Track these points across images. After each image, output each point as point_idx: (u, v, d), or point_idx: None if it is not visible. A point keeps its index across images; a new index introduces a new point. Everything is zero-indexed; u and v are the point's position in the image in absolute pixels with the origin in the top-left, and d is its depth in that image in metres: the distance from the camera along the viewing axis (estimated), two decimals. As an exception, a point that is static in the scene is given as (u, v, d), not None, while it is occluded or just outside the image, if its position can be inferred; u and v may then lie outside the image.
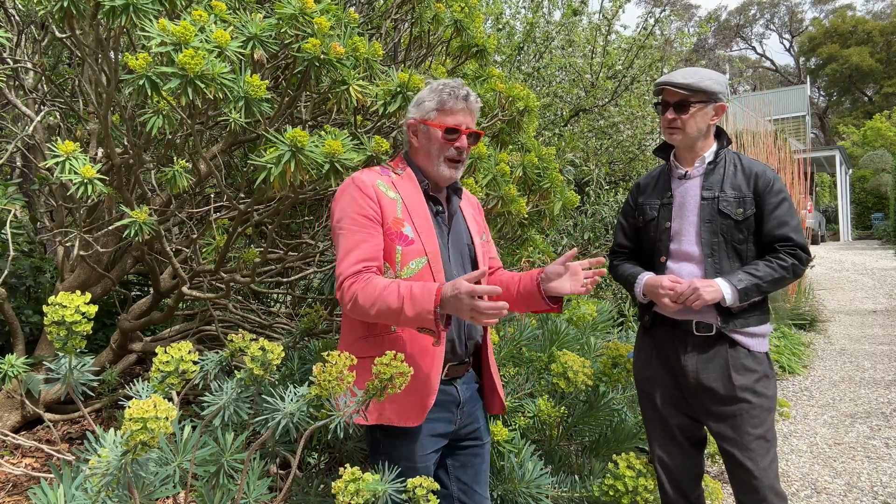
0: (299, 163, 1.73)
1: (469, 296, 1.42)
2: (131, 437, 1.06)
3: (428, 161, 1.75)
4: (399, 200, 1.69)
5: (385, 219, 1.65)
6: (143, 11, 1.60)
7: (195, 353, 1.31)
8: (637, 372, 2.23)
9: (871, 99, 38.57)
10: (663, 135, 2.12)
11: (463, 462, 1.80)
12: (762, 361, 2.00)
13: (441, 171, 1.73)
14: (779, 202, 1.99)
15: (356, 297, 1.55)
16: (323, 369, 1.28)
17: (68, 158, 1.73)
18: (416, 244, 1.66)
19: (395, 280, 1.58)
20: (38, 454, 2.69)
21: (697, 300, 1.92)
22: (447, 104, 1.71)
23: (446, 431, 1.72)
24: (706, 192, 2.04)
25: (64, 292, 1.23)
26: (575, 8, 6.21)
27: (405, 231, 1.65)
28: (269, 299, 3.89)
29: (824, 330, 7.56)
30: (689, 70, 2.03)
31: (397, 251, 1.64)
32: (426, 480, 1.33)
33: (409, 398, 1.61)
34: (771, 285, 1.95)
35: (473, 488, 1.80)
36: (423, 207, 1.72)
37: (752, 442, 1.94)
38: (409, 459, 1.64)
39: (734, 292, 1.92)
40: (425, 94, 1.75)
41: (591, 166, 6.04)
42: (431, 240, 1.68)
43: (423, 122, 1.73)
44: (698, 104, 2.00)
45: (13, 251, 2.41)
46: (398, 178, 1.74)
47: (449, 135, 1.70)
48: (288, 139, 1.72)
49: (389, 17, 2.93)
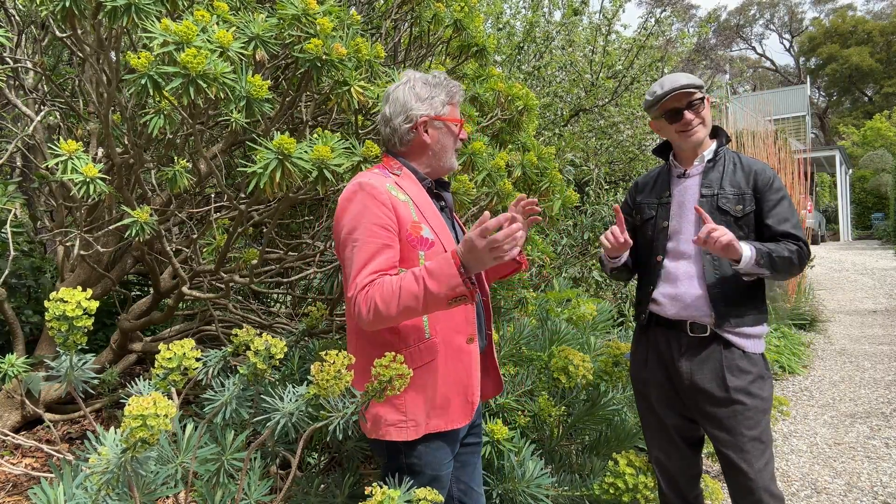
0: (286, 170, 1.71)
1: (480, 236, 1.37)
2: (131, 433, 1.06)
3: (442, 156, 1.71)
4: (410, 202, 1.60)
5: (402, 225, 1.55)
6: (146, 12, 1.60)
7: (198, 351, 1.31)
8: (633, 373, 2.23)
9: (871, 99, 38.58)
10: (680, 140, 2.08)
11: (463, 462, 1.79)
12: (757, 363, 2.00)
13: (453, 163, 1.74)
14: (779, 199, 1.99)
15: (375, 303, 1.44)
16: (321, 369, 1.28)
17: (71, 158, 1.73)
18: (437, 245, 1.60)
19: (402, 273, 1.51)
20: (38, 454, 2.69)
21: (724, 235, 1.81)
22: (456, 97, 1.71)
23: (464, 432, 1.72)
24: (705, 189, 2.04)
25: (65, 288, 1.23)
26: (575, 7, 6.21)
27: (424, 234, 1.58)
28: (269, 299, 3.89)
29: (824, 330, 7.56)
30: (673, 75, 2.04)
31: (420, 257, 1.55)
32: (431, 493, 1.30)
33: (454, 401, 1.59)
34: (781, 262, 1.91)
35: (472, 486, 1.79)
36: (432, 206, 1.67)
37: (747, 443, 1.94)
38: (437, 468, 1.60)
39: (753, 250, 1.87)
40: (425, 90, 1.67)
41: (590, 166, 6.05)
42: (448, 238, 1.64)
43: (437, 119, 1.67)
44: (703, 97, 2.03)
45: (13, 251, 2.41)
46: (398, 178, 1.66)
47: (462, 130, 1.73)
48: (275, 146, 1.70)
49: (389, 18, 2.93)
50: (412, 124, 1.67)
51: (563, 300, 3.52)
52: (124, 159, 2.24)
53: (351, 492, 2.03)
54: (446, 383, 1.58)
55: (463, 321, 1.63)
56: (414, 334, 1.56)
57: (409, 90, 1.67)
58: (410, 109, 1.66)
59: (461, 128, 1.73)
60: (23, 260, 3.54)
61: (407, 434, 1.55)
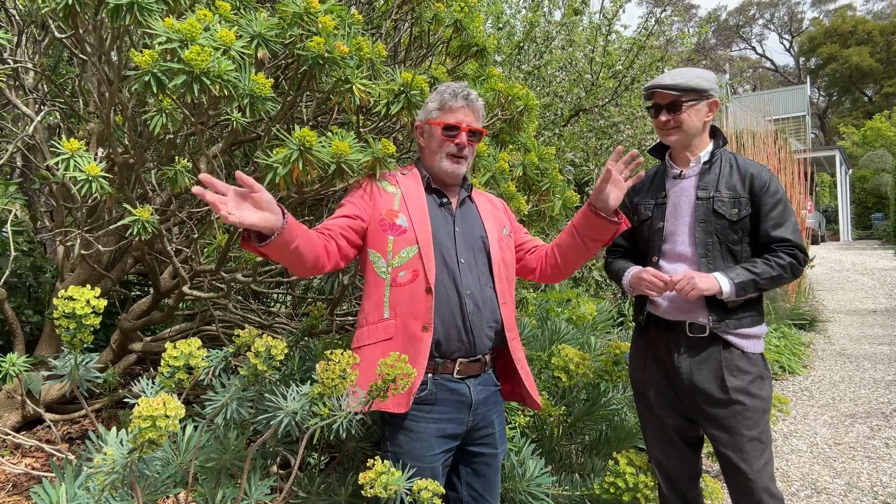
0: (307, 162, 1.74)
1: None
2: (140, 434, 1.06)
3: (432, 158, 1.86)
4: (398, 194, 1.80)
5: (377, 210, 1.77)
6: (148, 10, 1.60)
7: (204, 349, 1.31)
8: (632, 373, 2.23)
9: (871, 99, 38.59)
10: (659, 137, 2.11)
11: (475, 471, 1.81)
12: (756, 363, 1.99)
13: (443, 166, 1.83)
14: (775, 203, 1.98)
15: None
16: (326, 367, 1.28)
17: (73, 156, 1.73)
18: (409, 233, 1.74)
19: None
20: (39, 454, 2.69)
21: (693, 290, 1.89)
22: (448, 103, 1.82)
23: (456, 433, 1.72)
24: (701, 191, 2.03)
25: (73, 286, 1.23)
26: (576, 7, 6.21)
27: (398, 221, 1.75)
28: (269, 299, 3.89)
29: (824, 330, 7.57)
30: (676, 71, 2.04)
31: (389, 241, 1.73)
32: (432, 484, 1.32)
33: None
34: (768, 282, 1.93)
35: (484, 496, 1.82)
36: (422, 199, 1.81)
37: (746, 444, 1.94)
38: (417, 458, 1.64)
39: (732, 286, 1.91)
40: (429, 98, 1.88)
41: (590, 166, 6.04)
42: (425, 229, 1.75)
43: (426, 123, 1.87)
44: (690, 102, 2.00)
45: (13, 251, 2.41)
46: (403, 176, 1.87)
47: (448, 131, 1.81)
48: (297, 139, 1.74)
49: (390, 17, 2.93)
50: (415, 129, 1.93)
51: (563, 300, 3.52)
52: (125, 159, 2.24)
53: (352, 491, 2.03)
54: None
55: (423, 309, 1.68)
56: (375, 312, 1.72)
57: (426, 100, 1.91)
58: (417, 117, 1.93)
59: (450, 133, 1.81)
60: (23, 260, 3.53)
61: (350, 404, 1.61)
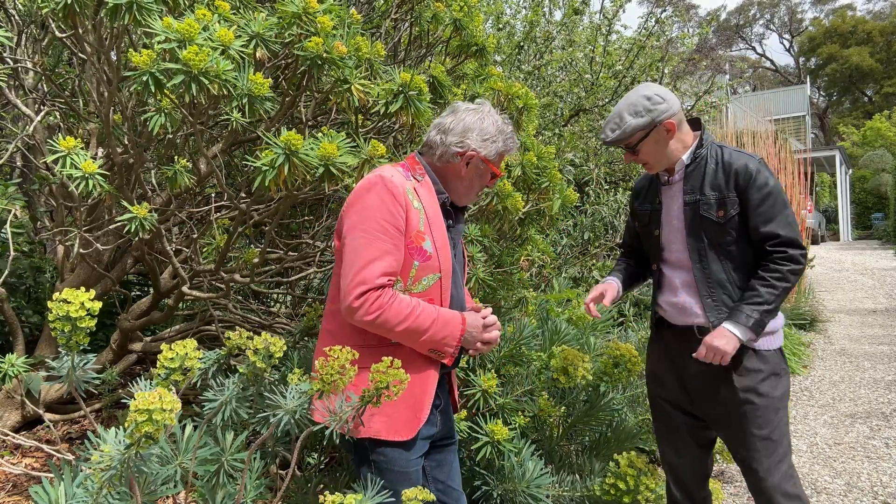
0: (293, 166, 1.72)
1: (483, 329, 1.66)
2: (136, 428, 1.05)
3: (465, 190, 1.77)
4: (422, 211, 1.62)
5: (409, 231, 1.57)
6: (147, 10, 1.60)
7: (200, 351, 1.31)
8: (648, 368, 2.22)
9: (871, 99, 38.58)
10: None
11: (438, 461, 1.80)
12: (769, 360, 1.94)
13: (471, 199, 1.82)
14: (763, 197, 1.88)
15: (383, 313, 1.49)
16: (325, 363, 1.28)
17: (69, 154, 1.73)
18: (433, 260, 1.61)
19: (417, 300, 1.56)
20: (38, 454, 2.69)
21: (723, 357, 1.87)
22: (510, 152, 1.81)
23: (429, 434, 1.71)
24: (688, 196, 1.98)
25: (68, 289, 1.23)
26: (576, 7, 6.21)
27: (425, 246, 1.59)
28: (269, 299, 3.89)
29: (824, 330, 7.56)
30: (615, 113, 1.98)
31: (414, 266, 1.58)
32: (422, 492, 1.30)
33: (400, 411, 1.58)
34: (778, 300, 1.88)
35: (450, 485, 1.80)
36: (441, 221, 1.68)
37: (757, 443, 1.91)
38: (401, 466, 1.61)
39: (747, 330, 1.86)
40: (490, 131, 1.71)
41: (590, 166, 6.04)
42: (447, 256, 1.65)
43: (484, 161, 1.72)
44: (641, 140, 1.96)
45: (13, 251, 2.41)
46: (418, 184, 1.67)
47: (494, 178, 1.80)
48: (282, 142, 1.71)
49: (389, 17, 2.93)
50: (462, 151, 1.69)
51: (563, 300, 3.51)
52: (124, 159, 2.24)
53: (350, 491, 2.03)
54: None
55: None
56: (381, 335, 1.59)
57: (477, 121, 1.71)
58: (468, 139, 1.69)
59: (494, 179, 1.81)
60: (23, 260, 3.53)
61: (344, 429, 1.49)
